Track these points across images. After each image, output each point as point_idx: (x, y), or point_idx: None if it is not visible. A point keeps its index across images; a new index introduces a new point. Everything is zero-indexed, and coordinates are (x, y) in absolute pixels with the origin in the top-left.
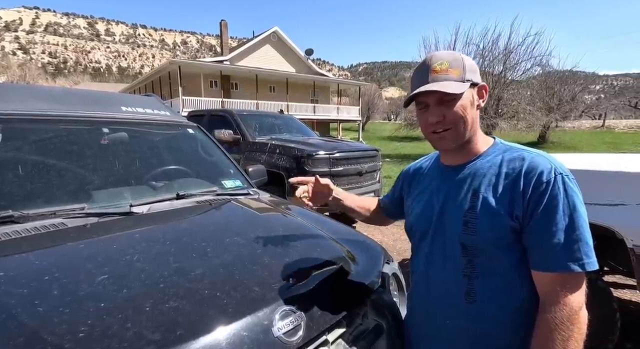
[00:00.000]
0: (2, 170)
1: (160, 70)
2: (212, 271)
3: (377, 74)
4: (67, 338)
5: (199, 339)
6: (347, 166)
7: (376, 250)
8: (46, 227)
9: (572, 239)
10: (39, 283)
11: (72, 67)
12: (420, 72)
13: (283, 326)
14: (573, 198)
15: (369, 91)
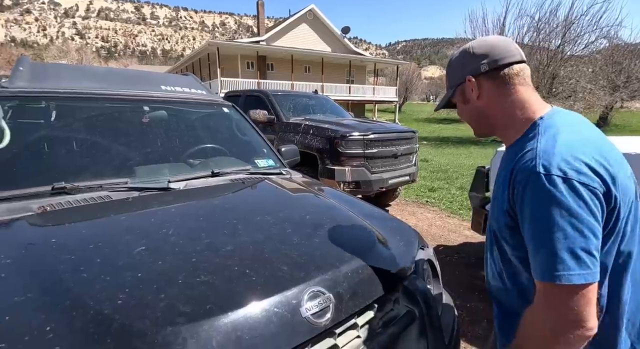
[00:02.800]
0: (56, 144)
1: (200, 52)
2: (242, 248)
3: (416, 53)
4: (107, 304)
5: (228, 314)
6: (382, 147)
7: (410, 235)
8: (94, 199)
9: (535, 248)
10: (84, 251)
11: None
12: None
13: (311, 307)
14: (536, 201)
15: (407, 70)
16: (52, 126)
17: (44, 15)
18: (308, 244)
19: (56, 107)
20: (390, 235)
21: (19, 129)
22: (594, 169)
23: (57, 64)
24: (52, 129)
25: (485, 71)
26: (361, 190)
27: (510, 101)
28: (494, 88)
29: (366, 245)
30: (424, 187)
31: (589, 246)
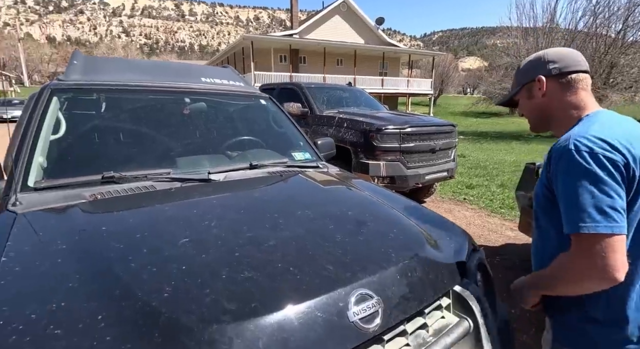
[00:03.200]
0: (105, 135)
1: (234, 46)
2: (285, 243)
3: (453, 43)
4: (154, 296)
5: (273, 314)
6: (419, 142)
7: (460, 236)
8: (139, 189)
9: (566, 207)
10: (131, 240)
11: (162, 47)
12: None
13: (359, 311)
14: (570, 168)
15: (443, 62)
16: (102, 116)
17: (94, 14)
18: (352, 242)
19: (105, 99)
20: (439, 235)
21: (72, 119)
22: (616, 147)
23: (106, 57)
24: (101, 120)
25: (555, 74)
26: (396, 185)
27: (569, 101)
28: (559, 89)
29: (414, 246)
30: (461, 183)
31: (614, 204)
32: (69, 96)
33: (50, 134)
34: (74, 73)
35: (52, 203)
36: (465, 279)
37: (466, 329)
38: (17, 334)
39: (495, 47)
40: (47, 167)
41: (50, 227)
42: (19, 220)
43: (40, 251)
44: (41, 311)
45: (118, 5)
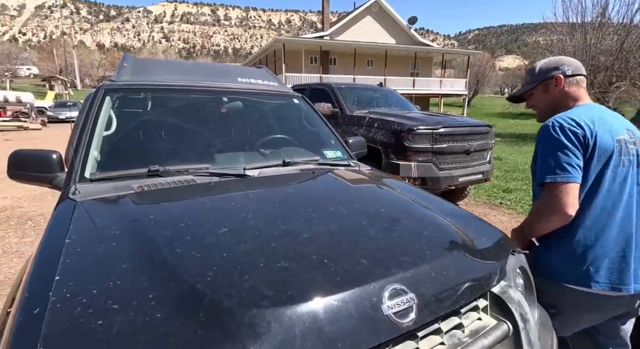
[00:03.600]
0: (151, 131)
1: (266, 48)
2: (319, 237)
3: (490, 42)
4: (198, 279)
5: (309, 303)
6: (453, 143)
7: (498, 237)
8: (181, 182)
9: (539, 165)
10: (176, 228)
11: (198, 51)
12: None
13: (393, 305)
14: (545, 138)
15: (478, 61)
16: (148, 114)
17: (139, 22)
18: (385, 238)
19: (152, 98)
20: (476, 236)
21: (122, 117)
22: (579, 124)
23: (152, 59)
24: (148, 117)
25: (568, 75)
26: (427, 187)
27: (574, 96)
28: (568, 86)
29: (449, 244)
30: (498, 187)
31: (571, 162)
32: (120, 95)
33: (104, 131)
34: (124, 74)
35: (105, 193)
36: (503, 282)
37: (505, 332)
38: (82, 307)
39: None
40: (101, 160)
41: (104, 215)
42: (78, 207)
43: (97, 235)
44: (101, 288)
45: (160, 12)
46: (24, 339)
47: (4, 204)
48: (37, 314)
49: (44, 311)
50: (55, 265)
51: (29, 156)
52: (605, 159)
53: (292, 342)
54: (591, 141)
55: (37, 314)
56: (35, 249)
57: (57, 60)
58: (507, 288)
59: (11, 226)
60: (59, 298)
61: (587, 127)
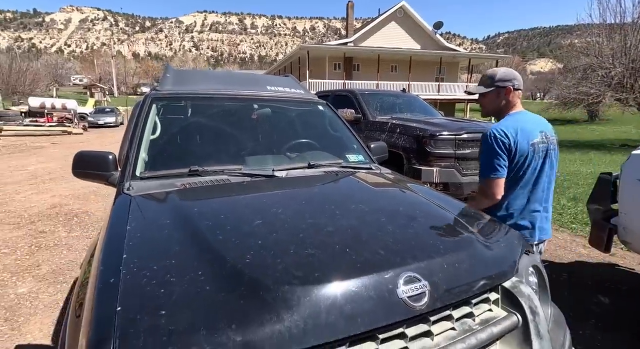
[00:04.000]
0: (191, 135)
1: (291, 56)
2: (342, 230)
3: (521, 45)
4: (239, 261)
5: (332, 284)
6: (477, 149)
7: (513, 237)
8: (218, 181)
9: (481, 167)
10: (218, 219)
11: (226, 59)
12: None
13: (408, 290)
14: (485, 145)
15: (508, 65)
16: (188, 120)
17: (171, 32)
18: (403, 234)
19: (192, 105)
20: (490, 235)
21: (166, 123)
22: (507, 135)
23: (191, 70)
24: (188, 123)
25: (516, 88)
26: (450, 193)
27: (512, 104)
28: (512, 97)
29: (463, 241)
30: None
31: (500, 163)
32: (164, 103)
33: (150, 135)
34: (167, 84)
35: (154, 190)
36: (515, 278)
37: (514, 323)
38: (147, 279)
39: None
40: (148, 161)
41: (156, 207)
42: (134, 201)
43: (152, 224)
44: (160, 265)
45: (191, 23)
46: (105, 300)
47: (54, 202)
48: (112, 283)
49: (118, 281)
50: (122, 246)
51: (90, 157)
52: (524, 158)
53: (318, 315)
54: (514, 148)
55: (112, 283)
56: (102, 235)
57: (97, 70)
58: (518, 284)
59: (60, 222)
60: (129, 272)
61: (512, 137)
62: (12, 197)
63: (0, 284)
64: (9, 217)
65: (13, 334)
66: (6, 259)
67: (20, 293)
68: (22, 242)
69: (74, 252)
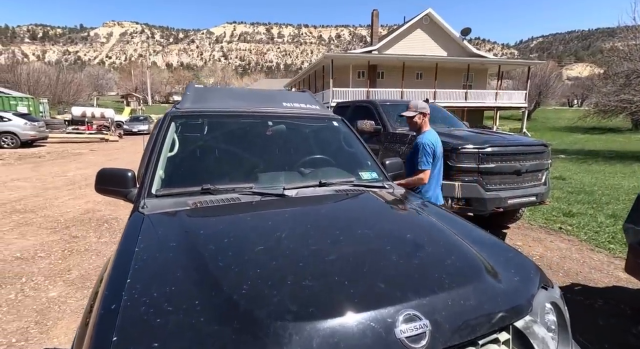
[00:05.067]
0: (205, 153)
1: (316, 65)
2: (343, 259)
3: (556, 49)
4: (235, 290)
5: (327, 320)
6: (501, 162)
7: (529, 269)
8: (228, 200)
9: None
10: (221, 244)
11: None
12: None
13: (406, 329)
14: (422, 149)
15: (541, 71)
16: (204, 138)
17: (202, 43)
18: (406, 264)
19: (208, 123)
20: (503, 266)
21: (183, 140)
22: (432, 144)
23: (211, 87)
24: (203, 141)
25: (427, 114)
26: (472, 208)
27: (426, 123)
28: (425, 119)
29: (470, 274)
30: (558, 210)
31: (429, 160)
32: (182, 121)
33: (168, 152)
34: (187, 102)
35: (167, 208)
36: (529, 317)
37: None
38: (145, 306)
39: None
40: (164, 178)
41: (165, 227)
42: (145, 220)
43: (158, 246)
44: (160, 291)
45: (221, 33)
46: (104, 328)
47: (87, 208)
48: (113, 309)
49: (118, 307)
50: (127, 269)
51: (110, 174)
52: (437, 158)
53: None
54: (434, 151)
55: (113, 309)
56: (113, 253)
57: (133, 80)
58: (531, 324)
59: (92, 227)
60: (129, 297)
61: (434, 145)
62: (51, 202)
63: (34, 287)
64: (47, 221)
65: (41, 338)
66: (41, 262)
67: (51, 296)
68: (56, 247)
69: (101, 258)
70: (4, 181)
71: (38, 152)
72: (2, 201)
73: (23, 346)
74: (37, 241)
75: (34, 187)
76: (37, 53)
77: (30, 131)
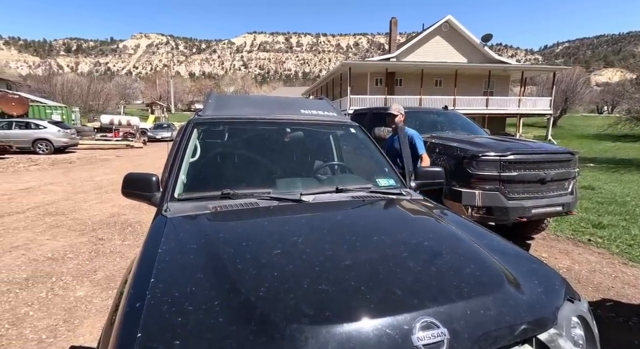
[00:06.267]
0: (225, 159)
1: (333, 72)
2: (359, 265)
3: (584, 54)
4: (252, 293)
5: (342, 325)
6: (524, 171)
7: (554, 280)
8: (247, 205)
9: (419, 146)
10: (239, 247)
11: (272, 76)
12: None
13: (424, 337)
14: (418, 137)
15: (568, 77)
16: (224, 144)
17: (223, 52)
18: (424, 271)
19: (228, 129)
20: (525, 277)
21: (205, 146)
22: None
23: (232, 95)
24: (224, 147)
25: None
26: (494, 217)
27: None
28: (402, 119)
29: (491, 283)
30: (586, 221)
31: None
32: (204, 127)
33: (190, 157)
34: (209, 109)
35: (188, 211)
36: (553, 329)
37: None
38: (167, 305)
39: None
40: (186, 183)
41: (186, 230)
42: (168, 223)
43: (179, 248)
44: (181, 291)
45: (241, 43)
46: (129, 324)
47: (112, 211)
48: (138, 307)
49: (142, 305)
50: (151, 270)
51: (136, 178)
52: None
53: None
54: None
55: (138, 307)
56: (138, 253)
57: (158, 89)
58: (556, 337)
59: (117, 230)
60: (153, 297)
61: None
62: (80, 206)
63: (63, 286)
64: (76, 223)
65: (69, 335)
66: (70, 263)
67: (78, 296)
68: (84, 248)
69: (125, 260)
70: (38, 185)
71: (69, 158)
72: (37, 204)
73: (52, 342)
74: (66, 242)
75: (65, 191)
76: (71, 65)
77: (63, 138)
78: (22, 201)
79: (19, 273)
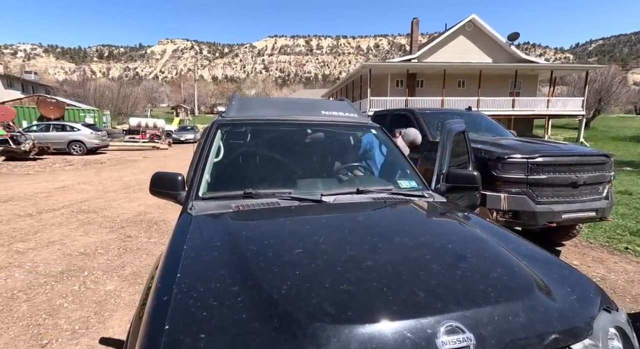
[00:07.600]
0: (247, 159)
1: (353, 74)
2: (381, 266)
3: (620, 52)
4: (275, 291)
5: (365, 326)
6: (554, 174)
7: (588, 288)
8: (268, 204)
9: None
10: (262, 245)
11: (292, 79)
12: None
13: (448, 341)
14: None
15: (601, 76)
16: (247, 145)
17: (245, 56)
18: (448, 274)
19: (250, 130)
20: (556, 284)
21: (228, 147)
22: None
23: (254, 97)
24: (246, 147)
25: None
26: (521, 222)
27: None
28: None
29: (519, 289)
30: (623, 228)
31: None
32: (228, 129)
33: (214, 158)
34: (232, 111)
35: (212, 210)
36: (588, 340)
37: None
38: (193, 300)
39: None
40: (210, 182)
41: (210, 228)
42: (193, 221)
43: (204, 245)
44: (206, 287)
45: (262, 47)
46: (157, 317)
47: (139, 210)
48: (165, 300)
49: (170, 299)
50: (177, 266)
51: (163, 177)
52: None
53: None
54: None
55: (165, 300)
56: (165, 250)
57: (182, 92)
58: (593, 347)
59: (143, 228)
60: (179, 291)
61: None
62: (109, 204)
63: (94, 280)
64: (106, 221)
65: (99, 327)
66: (100, 258)
67: (108, 290)
68: (113, 245)
69: (151, 257)
70: (72, 184)
71: (100, 158)
72: (71, 202)
73: (84, 333)
74: (97, 238)
75: (96, 191)
76: (103, 70)
77: (94, 139)
78: (58, 198)
79: (54, 267)
